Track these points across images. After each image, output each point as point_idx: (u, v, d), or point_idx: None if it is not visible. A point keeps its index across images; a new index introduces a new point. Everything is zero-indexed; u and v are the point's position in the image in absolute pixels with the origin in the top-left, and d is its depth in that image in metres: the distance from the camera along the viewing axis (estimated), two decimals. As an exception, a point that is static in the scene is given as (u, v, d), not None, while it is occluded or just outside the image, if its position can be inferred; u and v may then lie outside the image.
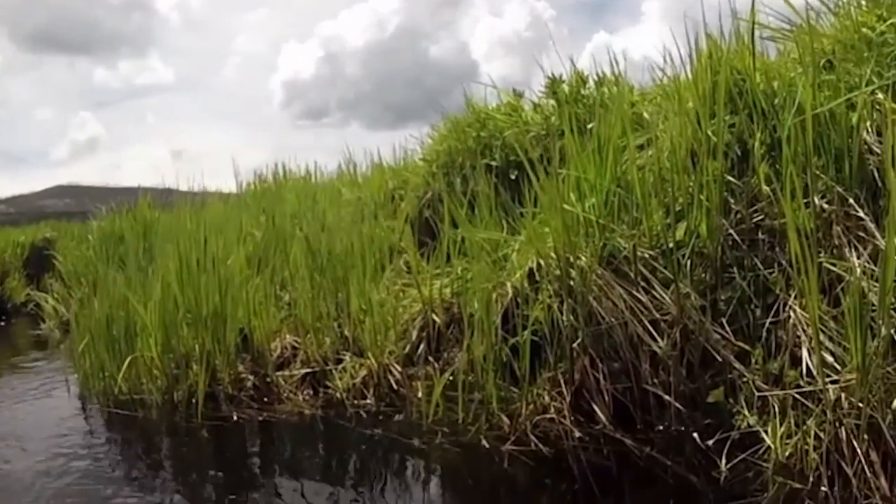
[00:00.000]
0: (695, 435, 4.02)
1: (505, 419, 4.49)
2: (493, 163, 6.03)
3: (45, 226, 14.18)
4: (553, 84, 5.90)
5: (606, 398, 4.29)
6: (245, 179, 7.99)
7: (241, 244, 6.00)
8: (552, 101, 5.96)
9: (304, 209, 6.46)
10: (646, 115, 5.49)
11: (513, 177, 5.85)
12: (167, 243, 5.99)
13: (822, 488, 3.46)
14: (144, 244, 7.36)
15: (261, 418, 5.02)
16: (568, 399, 4.43)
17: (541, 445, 4.22)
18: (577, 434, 4.26)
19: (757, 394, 3.89)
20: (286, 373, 5.36)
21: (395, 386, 5.00)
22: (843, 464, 3.47)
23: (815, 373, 3.73)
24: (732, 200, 4.48)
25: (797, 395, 3.72)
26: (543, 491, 3.97)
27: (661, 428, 4.17)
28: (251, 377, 5.24)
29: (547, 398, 4.49)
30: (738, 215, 4.43)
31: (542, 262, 4.69)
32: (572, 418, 4.34)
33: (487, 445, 4.32)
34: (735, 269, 4.31)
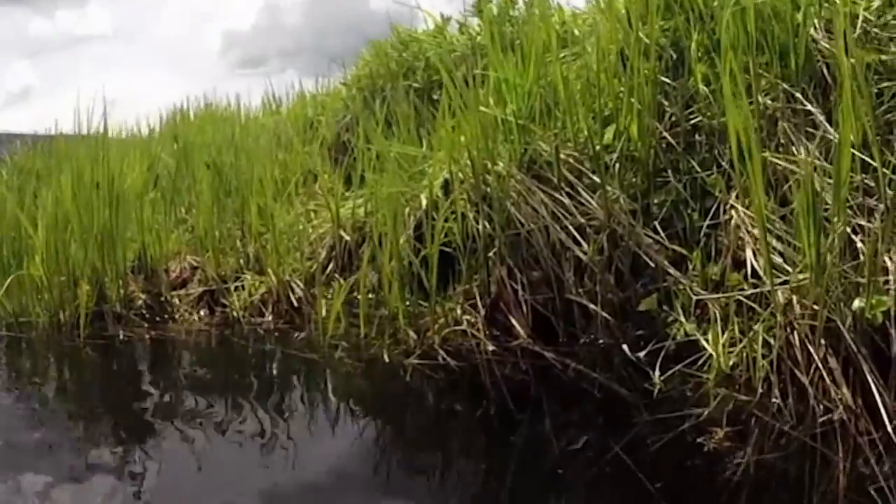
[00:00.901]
0: (624, 347, 3.18)
1: (412, 334, 3.60)
2: (416, 84, 5.12)
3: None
4: (480, 2, 5.00)
5: (525, 309, 3.42)
6: (166, 114, 6.89)
7: (146, 166, 5.00)
8: (478, 21, 5.06)
9: (217, 136, 5.48)
10: (576, 31, 4.63)
11: (435, 97, 4.94)
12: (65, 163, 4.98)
13: (774, 399, 2.63)
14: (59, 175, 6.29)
15: (149, 336, 4.05)
16: (483, 313, 3.56)
17: (450, 359, 3.34)
18: (492, 348, 3.39)
19: (695, 298, 3.05)
20: (181, 292, 4.41)
21: (295, 304, 4.08)
22: (798, 372, 2.65)
23: (761, 274, 2.91)
24: (667, 103, 3.63)
25: (743, 298, 2.90)
26: (450, 404, 3.11)
27: (586, 341, 3.32)
28: (142, 295, 4.28)
29: (459, 311, 3.61)
30: (673, 118, 3.59)
31: (456, 169, 3.79)
32: (487, 332, 3.46)
33: (389, 359, 3.44)
34: (669, 173, 3.46)
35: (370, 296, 3.87)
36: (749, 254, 3.01)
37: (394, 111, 4.58)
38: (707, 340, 2.93)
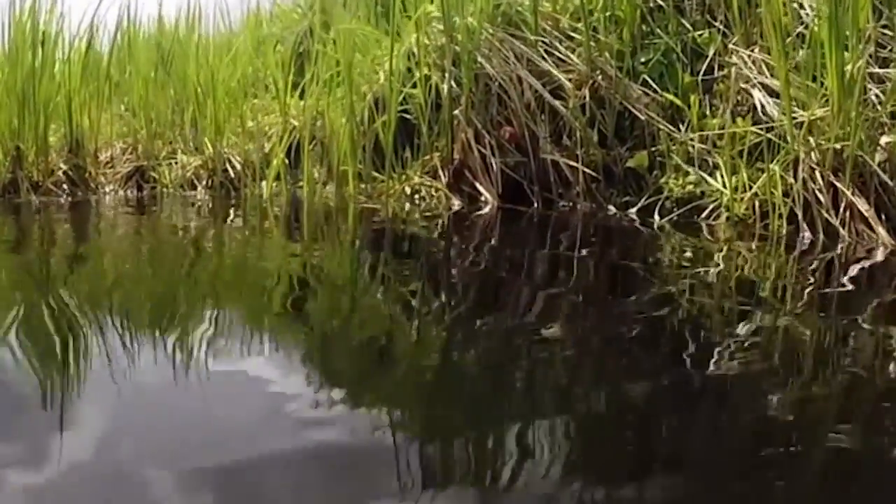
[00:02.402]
0: (610, 207, 2.53)
1: (362, 198, 2.92)
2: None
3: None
4: None
5: (494, 173, 2.75)
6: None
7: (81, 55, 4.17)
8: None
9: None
10: None
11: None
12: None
13: (805, 234, 2.01)
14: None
15: (66, 202, 3.29)
16: (445, 180, 2.88)
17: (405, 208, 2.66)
18: (457, 205, 2.72)
19: (698, 145, 2.42)
20: (109, 171, 3.63)
21: (232, 175, 3.35)
22: (827, 215, 2.03)
23: (776, 114, 2.29)
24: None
25: (761, 134, 2.27)
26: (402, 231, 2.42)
27: (565, 205, 2.66)
28: (63, 166, 3.49)
29: (417, 180, 2.93)
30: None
31: (421, 34, 3.11)
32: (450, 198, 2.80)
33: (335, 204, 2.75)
34: (660, 32, 2.83)
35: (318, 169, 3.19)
36: (757, 97, 2.38)
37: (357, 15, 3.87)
38: (715, 182, 2.30)
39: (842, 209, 2.06)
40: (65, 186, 3.48)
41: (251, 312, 1.48)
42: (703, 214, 2.31)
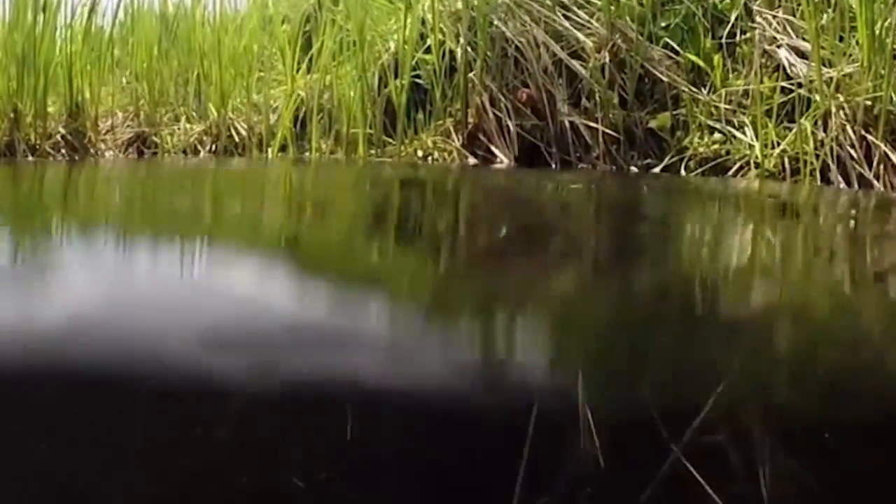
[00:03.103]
0: (633, 169, 2.50)
1: (374, 159, 2.88)
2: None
3: None
4: None
5: (510, 134, 2.71)
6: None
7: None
8: None
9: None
10: None
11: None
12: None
13: (841, 185, 1.99)
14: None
15: (62, 160, 3.22)
16: (459, 142, 2.83)
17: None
18: (472, 161, 2.68)
19: (723, 106, 2.39)
20: (108, 136, 3.56)
21: (236, 139, 3.29)
22: (860, 168, 2.01)
23: (804, 71, 2.26)
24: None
25: (792, 89, 2.24)
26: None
27: (584, 167, 2.62)
28: (62, 130, 3.41)
29: (430, 144, 2.88)
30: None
31: (435, 2, 3.06)
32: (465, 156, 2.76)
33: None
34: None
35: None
36: (783, 55, 2.36)
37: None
38: (744, 136, 2.28)
39: (875, 162, 2.04)
40: (63, 151, 3.41)
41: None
42: (729, 173, 2.28)
